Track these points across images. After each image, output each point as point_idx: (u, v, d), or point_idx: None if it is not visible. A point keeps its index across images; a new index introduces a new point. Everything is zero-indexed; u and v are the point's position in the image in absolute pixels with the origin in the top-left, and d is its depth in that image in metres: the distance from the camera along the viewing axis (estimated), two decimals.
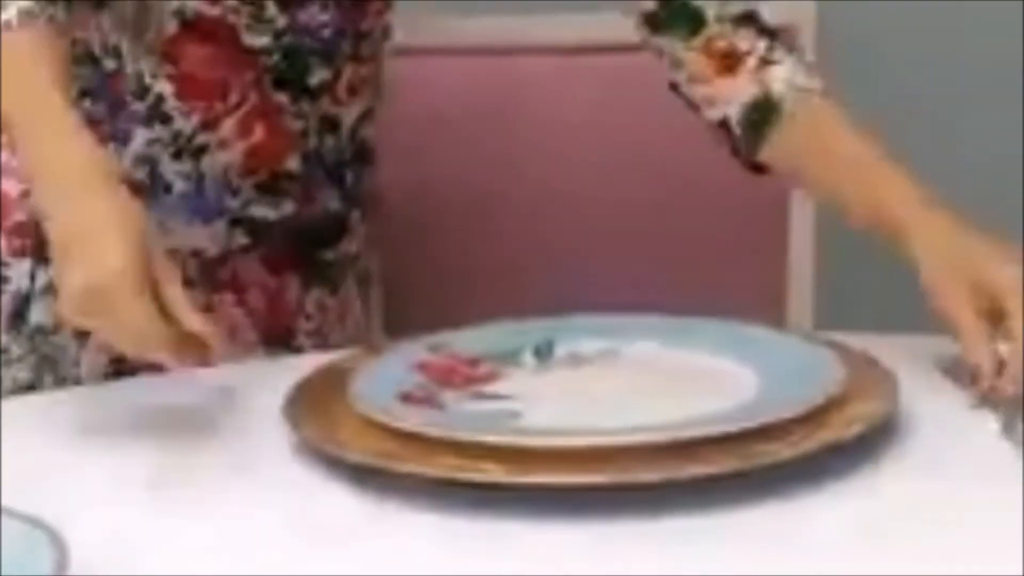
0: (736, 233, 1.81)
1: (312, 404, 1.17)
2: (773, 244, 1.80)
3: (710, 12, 1.42)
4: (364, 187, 1.53)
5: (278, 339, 1.49)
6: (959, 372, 1.23)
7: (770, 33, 1.42)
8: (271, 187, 1.45)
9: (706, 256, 1.81)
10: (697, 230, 1.81)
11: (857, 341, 1.24)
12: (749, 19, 1.42)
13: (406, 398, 1.16)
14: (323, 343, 1.50)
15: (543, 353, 1.26)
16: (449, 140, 1.80)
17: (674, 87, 1.45)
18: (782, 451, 1.04)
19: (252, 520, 1.05)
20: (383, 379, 1.19)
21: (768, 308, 1.77)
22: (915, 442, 1.12)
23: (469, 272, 1.81)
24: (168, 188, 1.43)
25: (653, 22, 1.44)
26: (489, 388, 1.20)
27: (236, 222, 1.46)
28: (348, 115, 1.48)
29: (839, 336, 1.26)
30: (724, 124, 1.42)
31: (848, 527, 1.00)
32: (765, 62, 1.40)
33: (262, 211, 1.46)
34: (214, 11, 1.38)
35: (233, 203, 1.45)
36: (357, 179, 1.51)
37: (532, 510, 1.01)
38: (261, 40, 1.40)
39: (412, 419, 1.10)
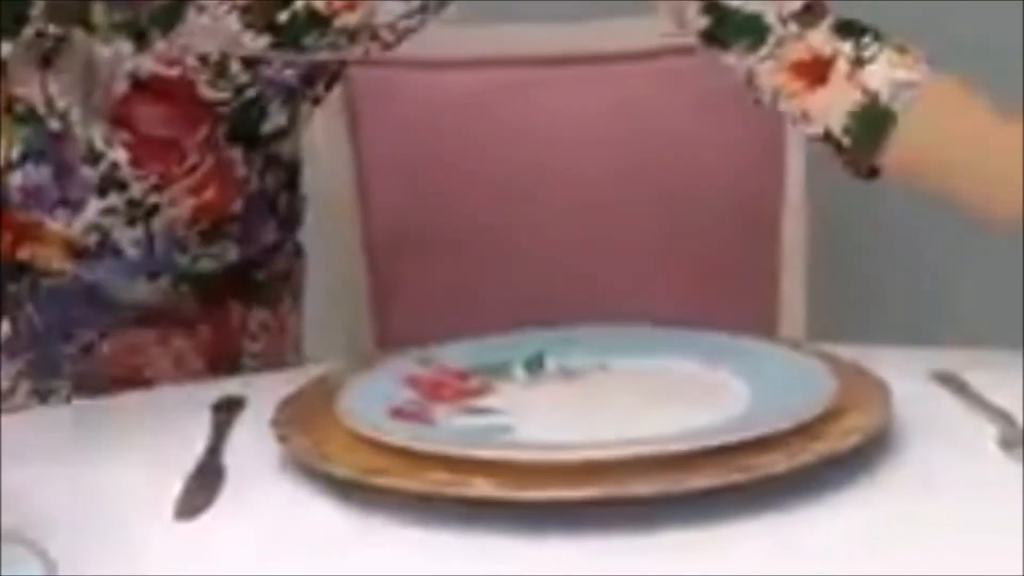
0: (728, 246, 1.82)
1: (301, 418, 1.16)
2: (765, 257, 1.81)
3: (770, 16, 1.31)
4: (293, 205, 1.50)
5: (224, 363, 1.46)
6: (951, 382, 1.23)
7: (844, 26, 1.30)
8: (215, 233, 1.41)
9: (698, 269, 1.82)
10: (688, 243, 1.81)
11: (848, 352, 1.24)
12: (812, 12, 1.31)
13: (396, 413, 1.15)
14: (267, 363, 1.48)
15: (534, 366, 1.25)
16: (438, 153, 1.80)
17: (758, 103, 1.35)
18: (778, 463, 1.04)
19: (238, 533, 1.04)
20: (373, 394, 1.18)
21: (760, 320, 1.77)
22: (910, 452, 1.12)
23: (458, 285, 1.81)
24: (118, 253, 1.38)
25: (713, 40, 1.33)
26: (480, 402, 1.20)
27: (181, 279, 1.42)
28: (286, 147, 1.45)
29: (830, 347, 1.26)
30: (828, 136, 1.30)
31: (845, 538, 1.00)
32: (858, 62, 1.29)
33: (209, 265, 1.42)
34: (171, 72, 1.32)
35: (182, 260, 1.40)
36: (289, 202, 1.49)
37: (525, 525, 1.01)
38: (220, 94, 1.34)
39: (401, 434, 1.10)
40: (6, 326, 1.38)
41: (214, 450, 1.16)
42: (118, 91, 1.32)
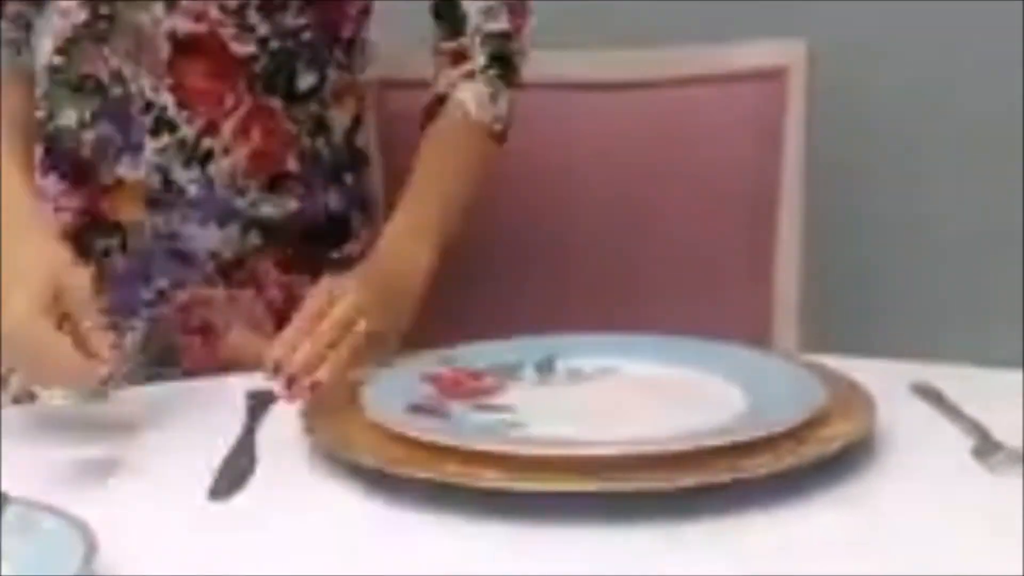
0: (724, 258, 1.81)
1: (327, 412, 1.21)
2: (760, 270, 1.83)
3: (472, 22, 1.59)
4: (363, 189, 1.63)
5: None
6: (929, 394, 1.27)
7: (503, 60, 1.58)
8: (274, 186, 1.55)
9: (694, 280, 1.83)
10: (685, 255, 1.81)
11: (838, 363, 1.27)
12: (499, 38, 1.58)
13: (415, 408, 1.19)
14: None
15: (544, 369, 1.29)
16: None
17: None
18: (768, 465, 1.07)
19: (265, 522, 1.08)
20: (394, 390, 1.22)
21: (755, 331, 1.78)
22: (893, 457, 1.15)
23: (476, 291, 1.84)
24: (181, 192, 1.53)
25: (436, 11, 1.61)
26: (493, 400, 1.23)
27: (248, 225, 1.55)
28: (339, 121, 1.59)
29: (821, 358, 1.29)
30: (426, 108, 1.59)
31: (831, 538, 1.03)
32: (469, 75, 1.57)
33: (268, 209, 1.55)
34: (201, 27, 1.50)
35: (242, 203, 1.54)
36: (356, 180, 1.61)
37: (530, 515, 1.04)
38: (248, 48, 1.52)
39: (420, 427, 1.14)
40: (93, 269, 1.48)
41: (247, 437, 1.21)
42: (163, 54, 1.51)
